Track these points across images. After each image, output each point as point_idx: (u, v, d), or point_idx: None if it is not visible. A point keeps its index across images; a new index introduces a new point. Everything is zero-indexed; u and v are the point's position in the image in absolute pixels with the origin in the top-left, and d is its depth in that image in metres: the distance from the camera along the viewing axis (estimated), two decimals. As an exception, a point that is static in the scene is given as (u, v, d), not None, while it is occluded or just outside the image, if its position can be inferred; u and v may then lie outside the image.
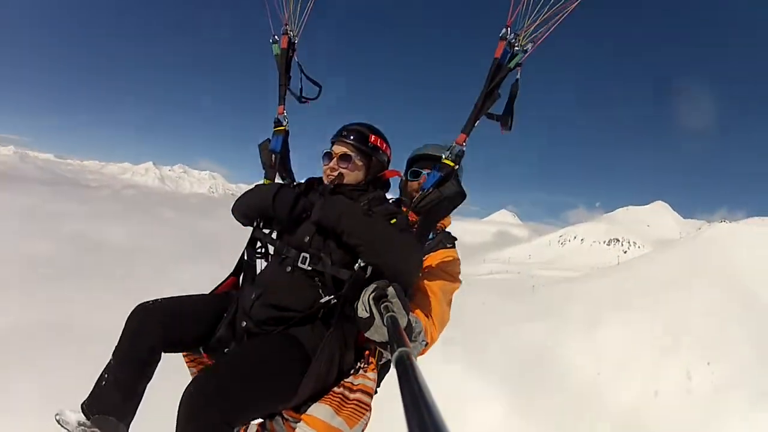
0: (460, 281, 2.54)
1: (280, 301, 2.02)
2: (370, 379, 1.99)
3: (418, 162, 2.79)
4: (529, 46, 2.22)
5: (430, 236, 2.46)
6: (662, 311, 31.20)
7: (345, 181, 2.24)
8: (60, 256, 43.59)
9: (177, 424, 1.66)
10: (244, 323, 2.03)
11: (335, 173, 2.23)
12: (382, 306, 1.71)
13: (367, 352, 2.10)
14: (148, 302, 2.05)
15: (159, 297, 2.10)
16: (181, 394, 1.63)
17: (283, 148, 2.58)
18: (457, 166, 2.19)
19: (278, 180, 2.55)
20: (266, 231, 2.28)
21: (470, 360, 30.86)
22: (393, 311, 1.65)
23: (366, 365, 2.06)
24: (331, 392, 1.93)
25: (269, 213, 2.17)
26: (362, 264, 1.96)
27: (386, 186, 2.41)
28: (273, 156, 2.55)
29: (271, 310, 2.01)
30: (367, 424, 1.94)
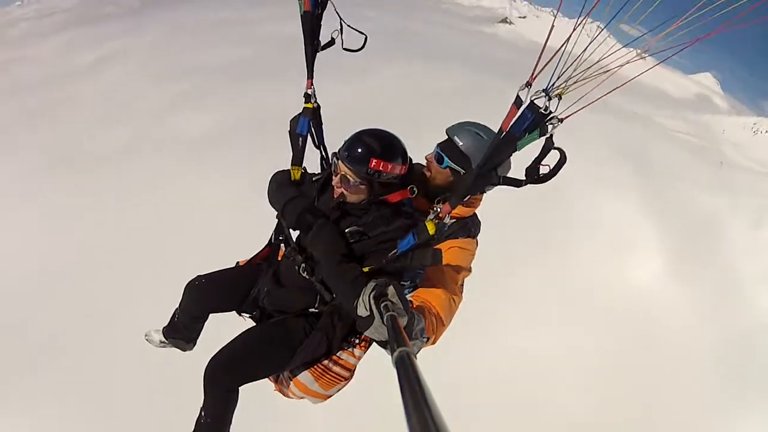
0: (469, 270, 2.51)
1: (282, 299, 2.55)
2: (354, 356, 2.49)
3: (443, 145, 2.64)
4: (555, 120, 1.72)
5: (445, 227, 2.34)
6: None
7: (348, 200, 2.33)
8: (257, 58, 45.67)
9: (203, 386, 2.42)
10: (262, 302, 2.64)
11: (339, 191, 2.33)
12: (382, 305, 1.71)
13: None
14: (195, 280, 2.74)
15: (207, 272, 2.76)
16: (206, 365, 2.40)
17: (313, 125, 2.59)
18: (436, 235, 2.06)
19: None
20: None
21: (645, 199, 30.56)
22: (393, 310, 1.65)
23: (359, 342, 2.49)
24: (318, 364, 2.45)
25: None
26: None
27: (398, 204, 2.37)
28: (300, 139, 2.54)
29: (276, 305, 2.56)
30: (342, 388, 2.50)
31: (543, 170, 2.00)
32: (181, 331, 3.06)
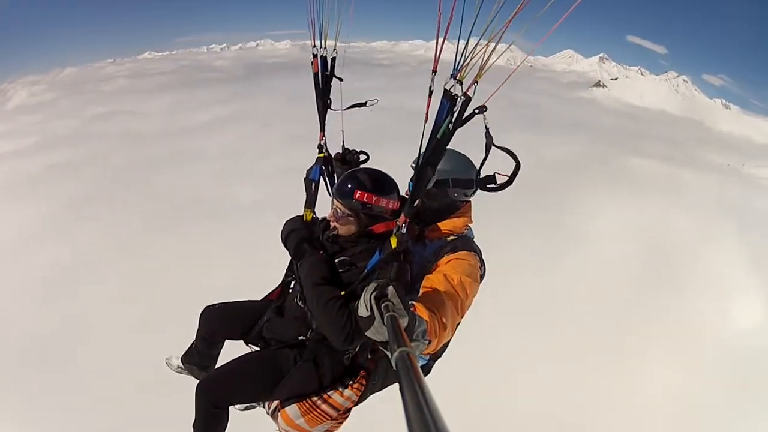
0: (476, 281, 2.51)
1: (279, 327, 2.68)
2: (344, 397, 2.52)
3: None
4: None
5: (428, 250, 2.58)
6: None
7: (339, 233, 2.44)
8: (386, 125, 43.64)
9: (194, 402, 2.58)
10: (263, 332, 2.75)
11: (333, 224, 2.44)
12: (383, 305, 1.70)
13: (363, 372, 2.55)
14: (209, 306, 2.97)
15: (222, 301, 3.00)
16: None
17: (326, 173, 2.81)
18: (398, 248, 2.14)
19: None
20: None
21: (745, 246, 32.22)
22: (393, 311, 1.64)
23: (353, 384, 2.53)
24: (308, 398, 2.51)
25: None
26: None
27: (384, 235, 2.36)
28: (312, 184, 2.69)
29: (272, 334, 2.68)
30: (330, 429, 2.56)
31: (501, 179, 2.34)
32: (196, 357, 3.21)
